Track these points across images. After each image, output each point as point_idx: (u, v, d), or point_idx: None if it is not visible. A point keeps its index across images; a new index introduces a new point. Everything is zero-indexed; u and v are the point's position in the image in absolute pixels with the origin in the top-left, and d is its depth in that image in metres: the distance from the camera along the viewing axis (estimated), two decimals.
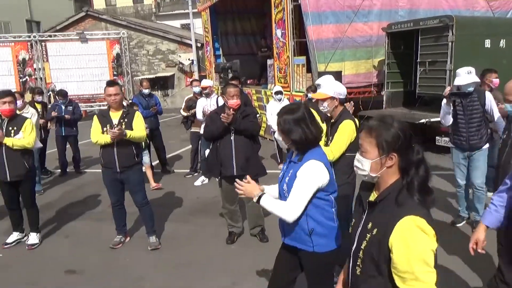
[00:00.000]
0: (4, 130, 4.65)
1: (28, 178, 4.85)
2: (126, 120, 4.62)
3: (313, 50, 9.60)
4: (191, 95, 7.97)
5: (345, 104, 3.87)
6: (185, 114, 7.79)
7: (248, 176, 2.57)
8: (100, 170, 4.87)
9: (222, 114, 4.28)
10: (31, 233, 5.04)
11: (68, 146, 8.33)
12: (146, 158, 6.95)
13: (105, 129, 4.61)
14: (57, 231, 5.48)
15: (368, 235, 1.70)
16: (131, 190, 4.77)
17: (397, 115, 9.10)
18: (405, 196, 1.65)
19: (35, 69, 17.22)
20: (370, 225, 1.71)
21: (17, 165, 4.69)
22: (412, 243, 1.57)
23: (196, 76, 17.76)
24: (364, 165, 1.75)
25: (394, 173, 1.70)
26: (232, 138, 4.47)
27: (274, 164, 8.17)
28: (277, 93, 7.95)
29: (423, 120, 7.89)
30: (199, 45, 18.77)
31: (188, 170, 7.86)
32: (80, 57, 17.30)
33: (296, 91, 9.79)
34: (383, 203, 1.70)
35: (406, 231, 1.58)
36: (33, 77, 17.23)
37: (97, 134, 4.62)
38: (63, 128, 8.09)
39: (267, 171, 4.80)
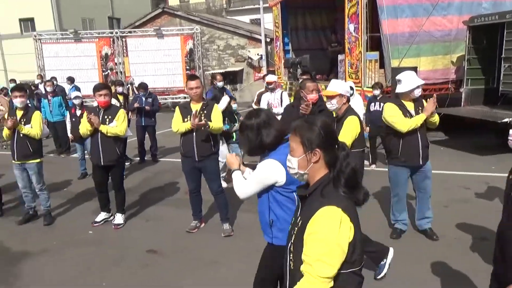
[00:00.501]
0: (100, 119, 5.11)
1: (119, 163, 5.31)
2: (205, 111, 4.85)
3: (387, 45, 9.35)
4: (263, 89, 8.13)
5: (428, 99, 3.94)
6: (256, 107, 7.98)
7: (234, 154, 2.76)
8: (175, 159, 5.17)
9: (301, 106, 4.35)
10: (117, 214, 5.49)
11: (146, 135, 8.87)
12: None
13: (185, 119, 4.88)
14: (138, 214, 5.91)
15: (296, 229, 1.75)
16: (207, 179, 5.02)
17: (477, 114, 8.62)
18: (329, 189, 1.72)
19: (116, 63, 18.43)
20: (299, 219, 1.76)
21: (110, 151, 5.14)
22: (320, 230, 1.62)
23: (264, 71, 17.98)
24: (293, 163, 1.83)
25: (320, 168, 1.77)
26: None
27: None
28: None
29: (506, 119, 7.41)
30: (268, 40, 18.96)
31: None
32: (156, 52, 18.22)
33: (367, 87, 9.61)
34: (311, 197, 1.76)
35: (319, 218, 1.64)
36: (114, 70, 18.44)
37: (178, 124, 4.91)
38: (143, 118, 8.63)
39: None
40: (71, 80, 13.13)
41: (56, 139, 10.06)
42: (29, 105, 6.10)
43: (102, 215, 5.56)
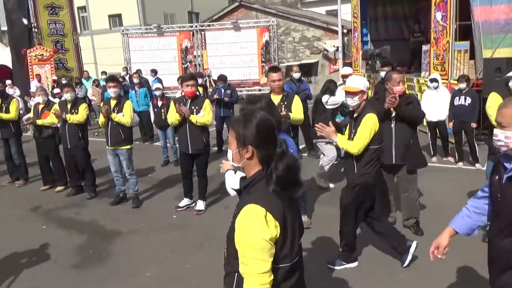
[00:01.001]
0: (188, 108, 5.34)
1: (205, 152, 5.51)
2: (285, 103, 4.85)
3: (479, 34, 8.65)
4: (340, 81, 7.95)
5: None
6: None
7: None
8: None
9: (387, 98, 4.19)
10: (198, 200, 5.72)
11: (225, 126, 9.10)
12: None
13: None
14: (218, 201, 6.11)
15: (232, 219, 1.81)
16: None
17: None
18: (258, 187, 1.76)
19: (195, 56, 19.09)
20: (235, 211, 1.81)
21: (198, 140, 5.37)
22: (245, 229, 1.67)
23: (340, 63, 17.59)
24: (229, 155, 1.89)
25: (255, 164, 1.80)
26: (392, 125, 4.36)
27: (427, 157, 7.68)
28: (432, 80, 7.44)
29: None
30: (345, 31, 18.49)
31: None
32: (233, 44, 18.57)
33: (454, 79, 9.00)
34: (244, 192, 1.83)
35: (243, 217, 1.70)
36: (193, 63, 19.12)
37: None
38: (221, 109, 8.87)
39: None
40: (154, 72, 13.84)
41: (141, 127, 10.69)
42: (121, 95, 6.53)
43: (185, 201, 5.82)
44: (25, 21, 15.61)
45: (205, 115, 5.32)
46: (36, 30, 16.07)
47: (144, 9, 25.85)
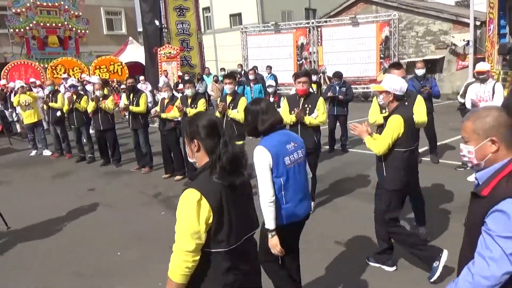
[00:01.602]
0: (300, 107, 5.24)
1: (315, 151, 5.37)
2: (406, 103, 4.46)
3: None
4: (472, 79, 7.10)
5: None
6: (462, 101, 7.04)
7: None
8: (364, 151, 4.94)
9: None
10: None
11: (337, 124, 8.84)
12: None
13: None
14: (327, 203, 5.92)
15: None
16: None
17: None
18: (203, 174, 1.97)
19: (310, 52, 18.99)
20: None
21: (309, 139, 5.23)
22: (180, 210, 1.90)
23: (471, 58, 15.86)
24: (187, 153, 2.16)
25: (203, 156, 2.04)
26: None
27: None
28: None
29: None
30: (477, 23, 16.61)
31: (460, 163, 7.12)
32: (350, 40, 18.01)
33: None
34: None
35: (181, 199, 1.92)
36: (308, 60, 19.04)
37: (376, 115, 4.67)
38: (335, 107, 8.61)
39: None
40: (270, 68, 14.08)
41: None
42: (237, 91, 6.71)
43: None
44: (157, 22, 17.13)
45: (319, 115, 5.16)
46: (166, 30, 17.52)
47: (263, 8, 26.50)
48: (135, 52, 20.35)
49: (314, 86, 8.87)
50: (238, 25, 25.79)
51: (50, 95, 9.40)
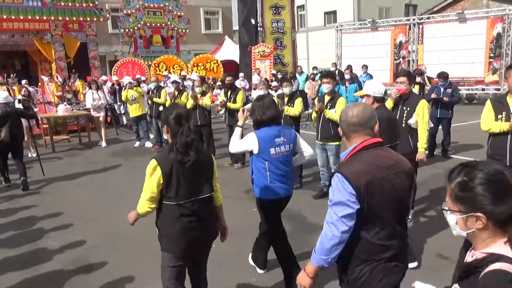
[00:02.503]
0: (399, 110, 4.98)
1: (413, 157, 5.04)
2: None
3: None
4: None
5: None
6: None
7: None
8: (468, 158, 4.49)
9: None
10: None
11: (439, 127, 8.26)
12: None
13: (499, 116, 4.19)
14: (427, 211, 5.56)
15: None
16: None
17: None
18: (164, 149, 2.91)
19: (409, 51, 18.01)
20: None
21: (404, 143, 4.92)
22: (146, 172, 2.75)
23: None
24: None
25: (170, 138, 2.84)
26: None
27: None
28: None
29: None
30: None
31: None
32: (455, 38, 16.72)
33: None
34: None
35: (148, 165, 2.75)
36: (406, 59, 18.08)
37: (489, 121, 4.26)
38: (438, 110, 8.06)
39: None
40: (365, 67, 13.63)
41: None
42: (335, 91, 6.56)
43: None
44: (253, 21, 17.53)
45: (418, 120, 4.84)
46: (261, 28, 17.85)
47: (360, 5, 25.75)
48: (230, 50, 21.06)
49: (416, 87, 8.36)
50: (332, 23, 25.38)
51: (154, 91, 10.09)
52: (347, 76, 10.39)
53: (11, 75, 14.07)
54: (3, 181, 7.70)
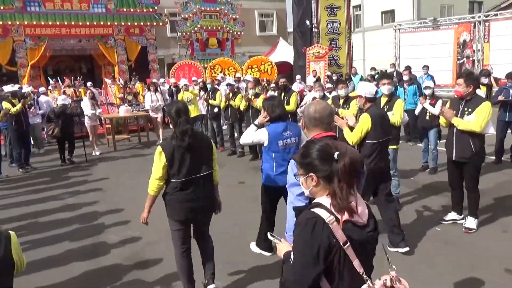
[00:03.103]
0: (460, 110, 4.71)
1: (473, 161, 4.75)
2: None
3: None
4: None
5: None
6: None
7: None
8: None
9: None
10: (468, 217, 4.98)
11: (508, 131, 7.72)
12: None
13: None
14: (493, 221, 5.19)
15: None
16: None
17: None
18: (168, 139, 3.46)
19: (473, 50, 17.03)
20: None
21: (463, 147, 4.69)
22: (154, 159, 3.40)
23: None
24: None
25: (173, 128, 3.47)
26: None
27: None
28: None
29: None
30: None
31: None
32: None
33: None
34: None
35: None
36: (471, 58, 17.11)
37: None
38: (507, 113, 7.53)
39: None
40: (426, 68, 13.04)
41: (405, 126, 10.25)
42: (393, 93, 6.32)
43: (452, 215, 5.19)
44: (307, 22, 17.40)
45: (475, 118, 4.54)
46: (316, 30, 17.67)
47: (420, 3, 24.78)
48: (284, 52, 21.03)
49: (483, 89, 7.86)
50: (390, 23, 24.60)
51: (210, 93, 10.28)
52: (405, 77, 9.98)
53: (78, 78, 14.92)
54: (61, 161, 9.70)
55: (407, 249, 4.41)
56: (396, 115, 5.50)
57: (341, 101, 6.50)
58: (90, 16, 16.13)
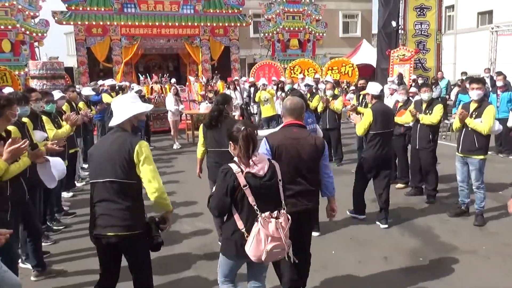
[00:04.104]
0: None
1: None
2: None
3: None
4: None
5: None
6: None
7: None
8: None
9: None
10: None
11: None
12: None
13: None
14: None
15: None
16: None
17: None
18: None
19: None
20: None
21: None
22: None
23: None
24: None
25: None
26: None
27: None
28: None
29: None
30: None
31: None
32: None
33: None
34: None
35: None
36: None
37: None
38: None
39: None
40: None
41: (498, 137, 9.42)
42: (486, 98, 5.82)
43: None
44: (394, 23, 16.70)
45: None
46: (402, 31, 16.91)
47: None
48: (367, 54, 20.43)
49: None
50: (487, 24, 22.76)
51: (288, 93, 10.31)
52: (499, 83, 9.16)
53: (165, 75, 15.82)
54: None
55: (386, 226, 5.37)
56: (485, 123, 5.07)
57: (424, 105, 6.13)
58: (179, 17, 17.03)
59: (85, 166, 8.93)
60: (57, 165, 3.96)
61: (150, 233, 2.95)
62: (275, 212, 2.74)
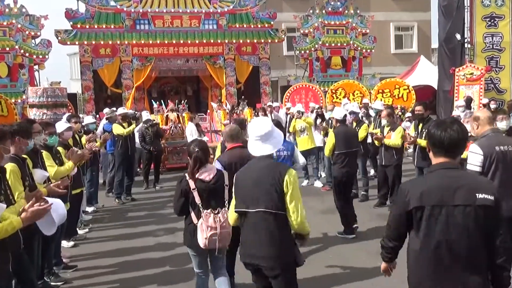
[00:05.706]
0: None
1: None
2: None
3: None
4: None
5: None
6: None
7: None
8: None
9: None
10: None
11: None
12: None
13: None
14: None
15: None
16: None
17: None
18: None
19: None
20: None
21: None
22: None
23: None
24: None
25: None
26: None
27: None
28: None
29: None
30: None
31: None
32: None
33: None
34: None
35: None
36: None
37: None
38: None
39: None
40: None
41: None
42: None
43: None
44: (458, 36, 16.64)
45: None
46: (469, 45, 16.81)
47: None
48: (425, 73, 20.35)
49: None
50: None
51: (330, 121, 10.33)
52: None
53: (182, 102, 16.18)
54: (146, 186, 11.76)
55: (353, 236, 7.09)
56: None
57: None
58: (200, 33, 17.58)
59: (89, 209, 9.14)
60: (58, 208, 4.00)
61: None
62: (218, 209, 4.22)
